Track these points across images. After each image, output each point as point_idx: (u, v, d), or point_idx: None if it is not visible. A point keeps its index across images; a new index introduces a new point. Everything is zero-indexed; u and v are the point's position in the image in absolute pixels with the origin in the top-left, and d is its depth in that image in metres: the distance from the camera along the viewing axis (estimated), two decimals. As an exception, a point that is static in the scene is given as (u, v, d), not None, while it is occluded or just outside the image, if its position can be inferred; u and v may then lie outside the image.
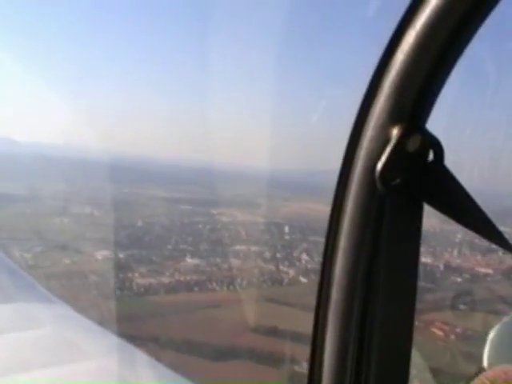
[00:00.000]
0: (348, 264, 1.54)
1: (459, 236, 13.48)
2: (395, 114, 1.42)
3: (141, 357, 5.11)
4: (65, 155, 19.41)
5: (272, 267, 15.94)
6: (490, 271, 13.59)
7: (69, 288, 13.53)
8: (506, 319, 2.16)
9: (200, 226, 18.34)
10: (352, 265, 1.54)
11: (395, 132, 1.42)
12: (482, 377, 1.41)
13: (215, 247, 17.18)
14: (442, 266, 14.56)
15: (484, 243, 12.29)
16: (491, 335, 1.97)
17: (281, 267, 15.77)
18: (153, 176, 20.54)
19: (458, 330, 12.43)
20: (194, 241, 17.38)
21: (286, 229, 17.97)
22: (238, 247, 17.15)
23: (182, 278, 14.72)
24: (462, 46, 1.38)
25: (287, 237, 17.65)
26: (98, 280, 14.19)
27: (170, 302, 13.76)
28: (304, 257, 16.35)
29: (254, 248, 16.99)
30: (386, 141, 1.43)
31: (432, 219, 1.61)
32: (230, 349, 11.96)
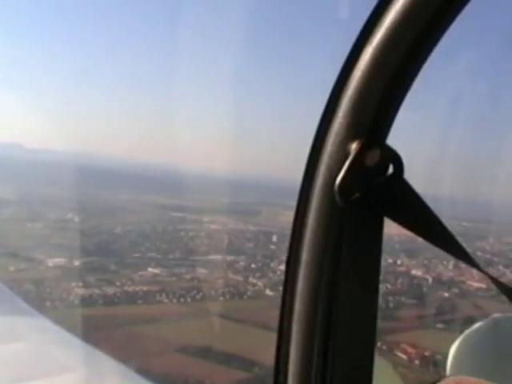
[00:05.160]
0: (310, 276, 1.55)
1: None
2: (354, 130, 1.44)
3: (120, 368, 5.01)
4: (49, 159, 18.47)
5: (240, 278, 14.06)
6: (483, 286, 11.62)
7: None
8: (467, 332, 2.03)
9: (182, 234, 16.81)
10: (314, 277, 1.55)
11: (354, 147, 1.43)
12: None
13: (187, 256, 15.54)
14: (430, 279, 12.97)
15: (485, 255, 11.22)
16: (453, 348, 1.95)
17: (250, 279, 13.90)
18: (143, 182, 19.32)
19: (427, 353, 10.21)
20: (168, 249, 15.82)
21: (274, 238, 16.30)
22: (212, 257, 15.51)
23: (130, 289, 13.12)
24: (419, 62, 1.41)
25: (273, 246, 15.90)
26: (33, 288, 12.85)
27: (102, 314, 12.16)
28: (282, 267, 14.51)
29: (229, 258, 15.29)
30: (345, 155, 1.44)
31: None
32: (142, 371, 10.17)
